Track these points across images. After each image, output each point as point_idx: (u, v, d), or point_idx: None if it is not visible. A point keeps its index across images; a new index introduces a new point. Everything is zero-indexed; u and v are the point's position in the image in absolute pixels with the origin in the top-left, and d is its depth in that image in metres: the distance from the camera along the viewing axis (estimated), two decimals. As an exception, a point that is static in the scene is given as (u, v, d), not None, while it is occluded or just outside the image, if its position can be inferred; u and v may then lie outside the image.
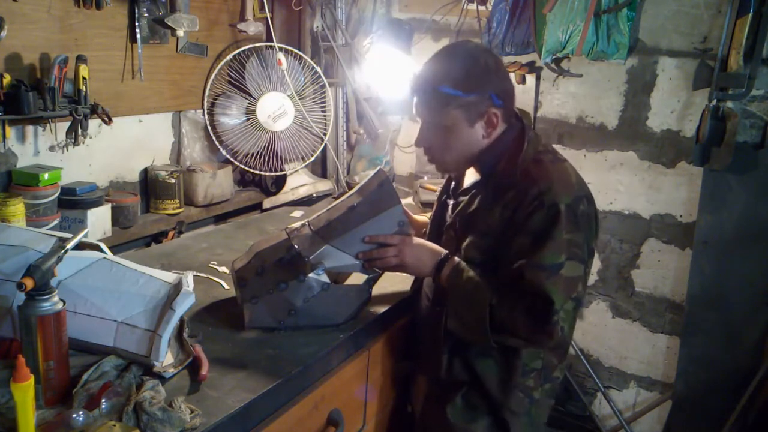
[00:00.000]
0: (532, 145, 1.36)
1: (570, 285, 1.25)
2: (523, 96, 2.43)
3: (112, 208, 1.86)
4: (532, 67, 2.40)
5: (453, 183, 1.54)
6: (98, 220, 1.80)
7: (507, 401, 1.38)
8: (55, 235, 1.22)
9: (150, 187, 2.08)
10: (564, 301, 1.23)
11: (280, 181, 2.49)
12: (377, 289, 1.47)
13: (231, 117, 2.32)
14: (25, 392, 0.92)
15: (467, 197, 1.42)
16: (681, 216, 2.31)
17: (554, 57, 2.27)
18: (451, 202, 1.49)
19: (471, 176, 1.46)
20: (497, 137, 1.38)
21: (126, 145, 2.02)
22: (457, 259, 1.37)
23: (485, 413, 1.41)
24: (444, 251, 1.40)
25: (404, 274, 1.49)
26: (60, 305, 1.05)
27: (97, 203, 1.79)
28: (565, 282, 1.24)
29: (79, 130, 1.73)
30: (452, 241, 1.42)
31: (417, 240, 1.43)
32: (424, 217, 1.69)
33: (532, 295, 1.24)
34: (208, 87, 2.25)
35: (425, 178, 2.62)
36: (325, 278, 1.37)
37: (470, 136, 1.36)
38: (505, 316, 1.26)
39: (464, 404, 1.41)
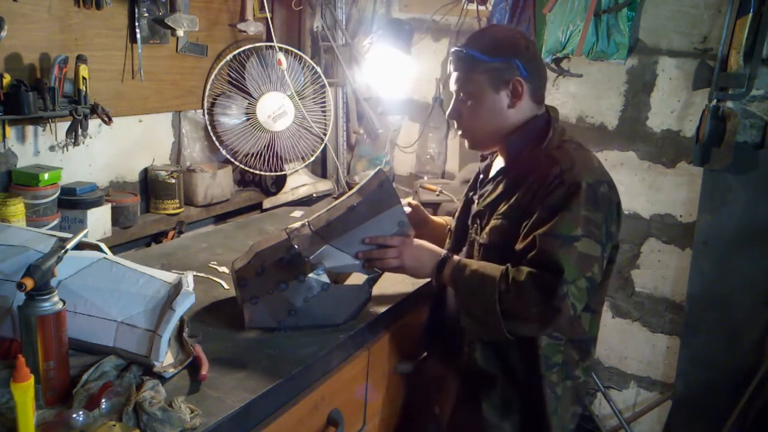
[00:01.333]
0: (557, 135, 1.39)
1: (585, 261, 1.24)
2: (523, 96, 2.42)
3: (112, 208, 1.86)
4: (532, 67, 2.40)
5: (481, 176, 1.55)
6: (98, 220, 1.80)
7: (537, 394, 1.36)
8: (55, 235, 1.22)
9: (150, 187, 2.08)
10: (576, 276, 1.22)
11: (280, 181, 2.49)
12: (377, 289, 1.47)
13: (231, 117, 2.32)
14: (25, 392, 0.92)
15: (492, 184, 1.45)
16: (681, 216, 2.31)
17: (554, 57, 2.27)
18: (476, 197, 1.50)
19: (497, 167, 1.48)
20: (525, 122, 1.41)
21: (126, 145, 2.02)
22: (457, 257, 1.38)
23: (518, 410, 1.40)
24: (443, 252, 1.41)
25: (404, 278, 1.50)
26: (60, 305, 1.05)
27: (97, 203, 1.79)
28: (579, 256, 1.23)
29: (79, 130, 1.73)
30: (479, 231, 1.43)
31: (417, 241, 1.43)
32: (442, 219, 1.72)
33: (541, 266, 1.23)
34: (208, 87, 2.25)
35: (425, 178, 2.62)
36: (325, 278, 1.37)
37: (495, 103, 1.39)
38: (514, 300, 1.24)
39: (500, 400, 1.40)
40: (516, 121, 1.41)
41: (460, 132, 1.49)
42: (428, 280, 1.57)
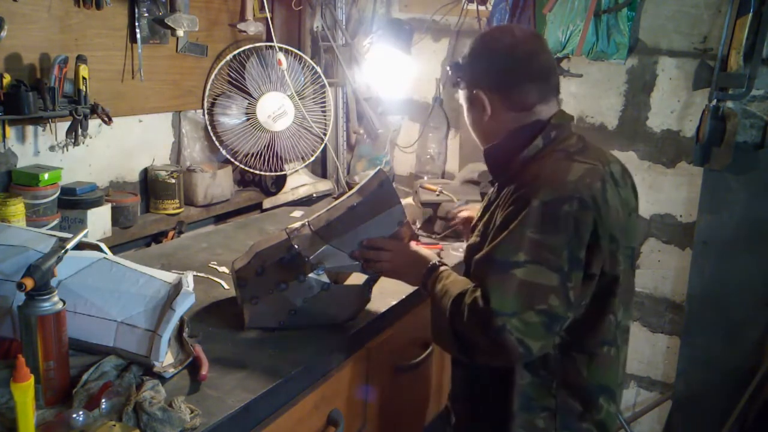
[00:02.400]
0: (554, 143, 1.25)
1: (531, 292, 1.08)
2: (523, 96, 2.43)
3: (112, 208, 1.85)
4: (532, 67, 2.40)
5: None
6: (98, 220, 1.80)
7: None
8: (55, 235, 1.22)
9: (150, 187, 2.08)
10: (515, 307, 1.07)
11: (280, 181, 2.49)
12: (377, 289, 1.47)
13: (231, 117, 2.32)
14: (25, 392, 0.92)
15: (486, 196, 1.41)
16: (681, 216, 2.31)
17: (554, 57, 2.27)
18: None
19: None
20: (507, 133, 1.28)
21: (126, 145, 2.02)
22: (443, 268, 1.30)
23: None
24: (433, 260, 1.34)
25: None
26: (60, 305, 1.05)
27: (97, 203, 1.79)
28: (519, 284, 1.08)
29: (79, 130, 1.73)
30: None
31: (413, 247, 1.39)
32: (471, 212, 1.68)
33: (477, 293, 1.11)
34: (208, 87, 2.25)
35: (425, 178, 2.62)
36: (325, 278, 1.37)
37: (473, 117, 1.34)
38: (461, 323, 1.13)
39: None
40: (501, 132, 1.29)
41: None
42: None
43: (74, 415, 0.97)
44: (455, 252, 1.93)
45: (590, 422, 1.25)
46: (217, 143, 2.30)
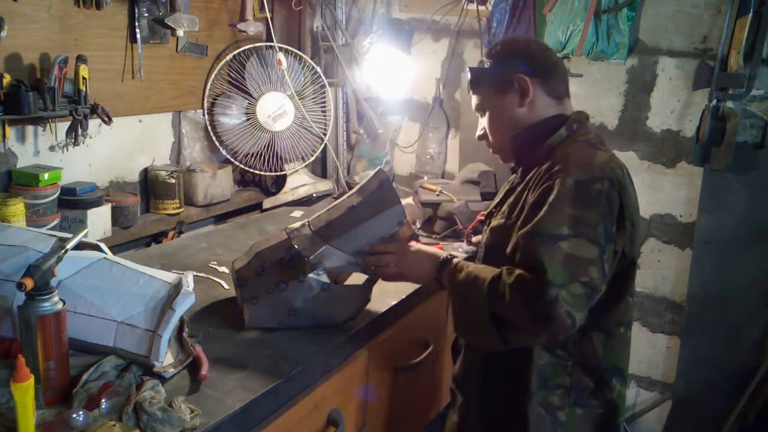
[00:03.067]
0: (576, 134, 1.32)
1: (575, 264, 1.12)
2: (523, 96, 2.43)
3: (112, 208, 1.85)
4: (532, 67, 2.40)
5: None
6: (98, 220, 1.80)
7: (520, 413, 1.27)
8: (55, 235, 1.22)
9: (150, 187, 2.08)
10: (566, 280, 1.09)
11: (280, 181, 2.49)
12: (377, 289, 1.47)
13: (231, 117, 2.32)
14: (25, 392, 0.92)
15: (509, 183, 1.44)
16: (681, 216, 2.31)
17: (556, 60, 2.27)
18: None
19: None
20: (536, 121, 1.35)
21: (126, 145, 2.02)
22: (456, 260, 1.33)
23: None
24: (444, 255, 1.37)
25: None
26: (60, 305, 1.05)
27: (97, 203, 1.79)
28: (566, 257, 1.11)
29: (79, 130, 1.73)
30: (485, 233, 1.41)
31: (416, 246, 1.40)
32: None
33: (526, 267, 1.13)
34: (208, 87, 2.25)
35: (425, 178, 2.62)
36: (325, 278, 1.37)
37: (504, 106, 1.37)
38: (503, 304, 1.14)
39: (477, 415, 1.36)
40: (531, 120, 1.36)
41: (492, 151, 1.47)
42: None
43: (74, 415, 0.97)
44: (455, 252, 1.92)
45: (602, 400, 1.29)
46: (217, 143, 2.30)
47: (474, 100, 1.44)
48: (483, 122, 1.44)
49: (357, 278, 1.46)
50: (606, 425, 1.31)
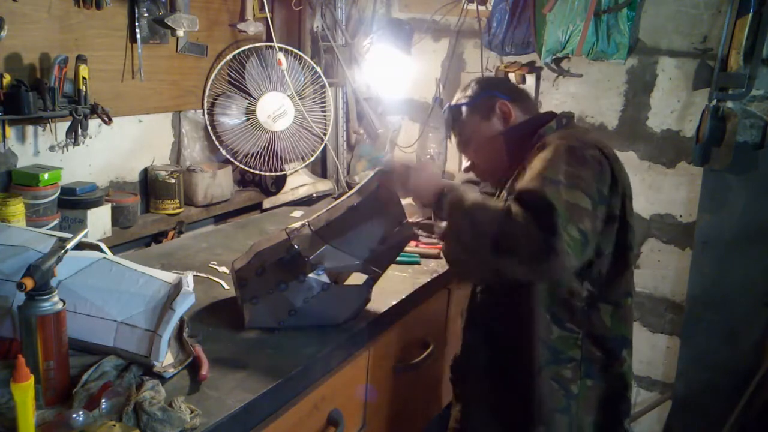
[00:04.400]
0: (564, 127, 1.41)
1: (573, 210, 1.15)
2: (523, 96, 2.43)
3: (112, 208, 1.85)
4: (532, 67, 2.40)
5: None
6: (98, 220, 1.80)
7: (537, 389, 1.29)
8: (55, 235, 1.22)
9: (150, 187, 2.08)
10: (566, 219, 1.12)
11: (280, 181, 2.49)
12: (377, 289, 1.47)
13: (231, 117, 2.32)
14: (25, 392, 0.92)
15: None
16: (681, 216, 2.31)
17: (554, 57, 2.27)
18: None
19: None
20: (528, 119, 1.46)
21: (126, 145, 2.02)
22: (460, 183, 1.41)
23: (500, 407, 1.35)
24: (447, 182, 1.38)
25: (404, 278, 1.51)
26: (60, 305, 1.05)
27: (97, 203, 1.79)
28: (565, 201, 1.14)
29: (79, 130, 1.73)
30: None
31: (424, 165, 1.47)
32: None
33: (534, 204, 1.13)
34: (208, 87, 2.25)
35: (425, 178, 2.61)
36: (325, 278, 1.37)
37: (489, 129, 1.46)
38: (514, 225, 1.13)
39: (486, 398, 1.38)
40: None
41: (481, 178, 1.56)
42: (428, 279, 1.58)
43: (74, 415, 0.97)
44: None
45: (611, 373, 1.33)
46: (217, 143, 2.30)
47: (456, 135, 1.54)
48: (468, 155, 1.53)
49: (357, 278, 1.46)
50: (617, 399, 1.34)
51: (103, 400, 1.01)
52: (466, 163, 1.55)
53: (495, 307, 1.39)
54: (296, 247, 1.38)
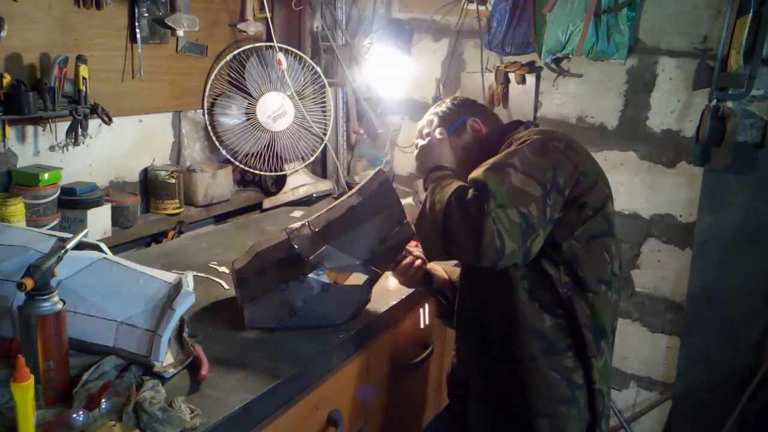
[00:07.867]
0: (531, 127, 1.45)
1: (518, 194, 1.18)
2: (523, 96, 2.42)
3: (112, 208, 1.86)
4: (532, 67, 2.40)
5: None
6: (98, 220, 1.80)
7: (531, 378, 1.28)
8: (55, 235, 1.22)
9: (150, 187, 2.08)
10: (504, 200, 1.16)
11: (280, 181, 2.49)
12: (377, 289, 1.47)
13: (231, 117, 2.32)
14: (25, 392, 0.92)
15: None
16: (681, 216, 2.31)
17: (554, 57, 2.27)
18: None
19: None
20: (499, 127, 1.52)
21: (126, 145, 2.02)
22: (450, 169, 1.41)
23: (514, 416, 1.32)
24: (447, 166, 1.43)
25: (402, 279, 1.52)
26: (60, 305, 1.05)
27: (97, 203, 1.79)
28: (511, 184, 1.18)
29: (79, 130, 1.73)
30: None
31: (438, 140, 1.48)
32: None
33: (474, 188, 1.20)
34: (208, 87, 2.25)
35: (425, 178, 2.61)
36: (325, 278, 1.37)
37: (462, 147, 1.49)
38: (448, 210, 1.21)
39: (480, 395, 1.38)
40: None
41: None
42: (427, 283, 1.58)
43: (74, 415, 0.97)
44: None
45: (594, 355, 1.30)
46: (217, 143, 2.30)
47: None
48: None
49: (357, 278, 1.46)
50: (594, 397, 1.31)
51: (103, 400, 1.01)
52: None
53: (480, 298, 1.39)
54: (296, 247, 1.38)
